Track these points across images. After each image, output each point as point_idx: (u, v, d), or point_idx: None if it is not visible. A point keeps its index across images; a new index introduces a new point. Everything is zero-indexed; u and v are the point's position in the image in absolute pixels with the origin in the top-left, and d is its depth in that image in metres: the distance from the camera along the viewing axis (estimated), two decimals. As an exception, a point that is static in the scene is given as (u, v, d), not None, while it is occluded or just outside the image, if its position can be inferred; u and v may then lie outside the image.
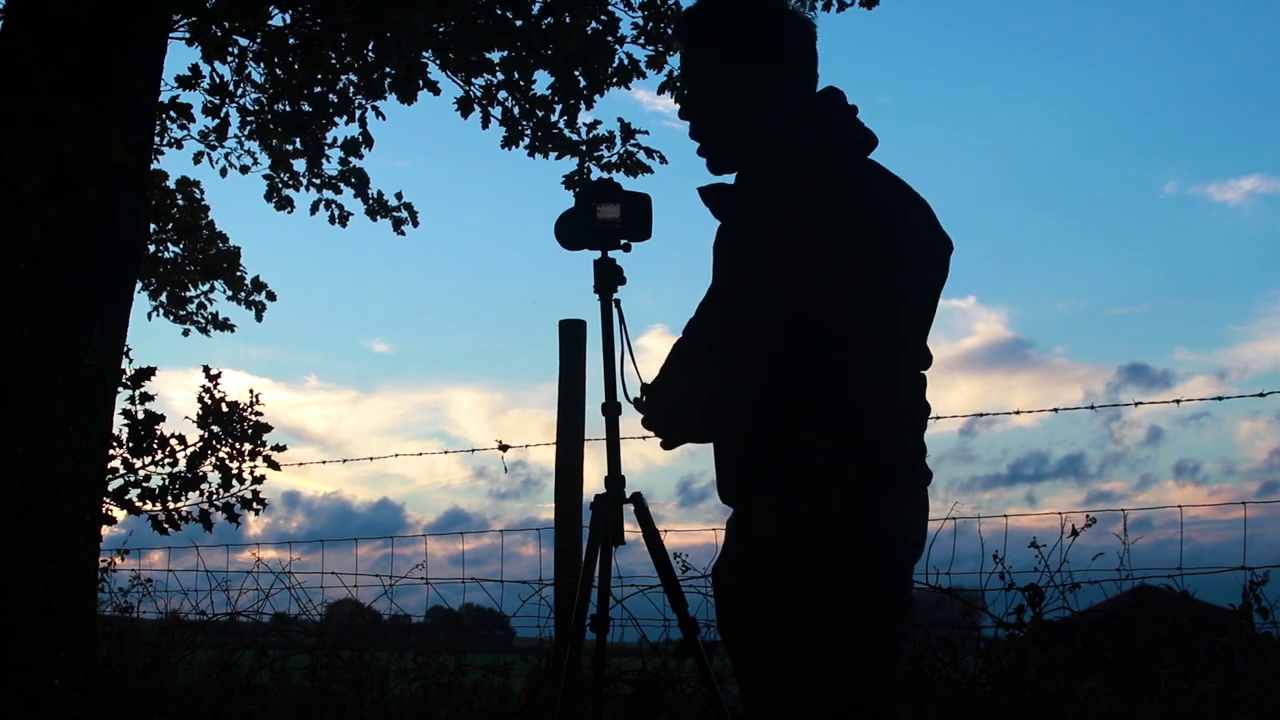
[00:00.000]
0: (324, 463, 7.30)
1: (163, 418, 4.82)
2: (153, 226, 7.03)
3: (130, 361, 4.71)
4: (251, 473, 5.01)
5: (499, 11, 5.68)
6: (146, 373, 4.81)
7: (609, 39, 5.93)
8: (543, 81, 6.21)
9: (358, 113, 6.47)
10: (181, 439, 4.91)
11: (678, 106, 2.24)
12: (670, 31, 6.08)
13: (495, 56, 6.04)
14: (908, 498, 2.01)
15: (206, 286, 7.92)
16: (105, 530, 4.81)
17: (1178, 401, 4.24)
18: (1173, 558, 3.76)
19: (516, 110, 6.39)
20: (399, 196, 7.34)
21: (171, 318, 7.95)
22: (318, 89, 6.17)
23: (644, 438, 4.90)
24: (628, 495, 2.42)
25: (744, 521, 2.12)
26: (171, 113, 6.15)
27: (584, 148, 6.50)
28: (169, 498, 4.83)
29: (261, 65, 6.17)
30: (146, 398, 4.81)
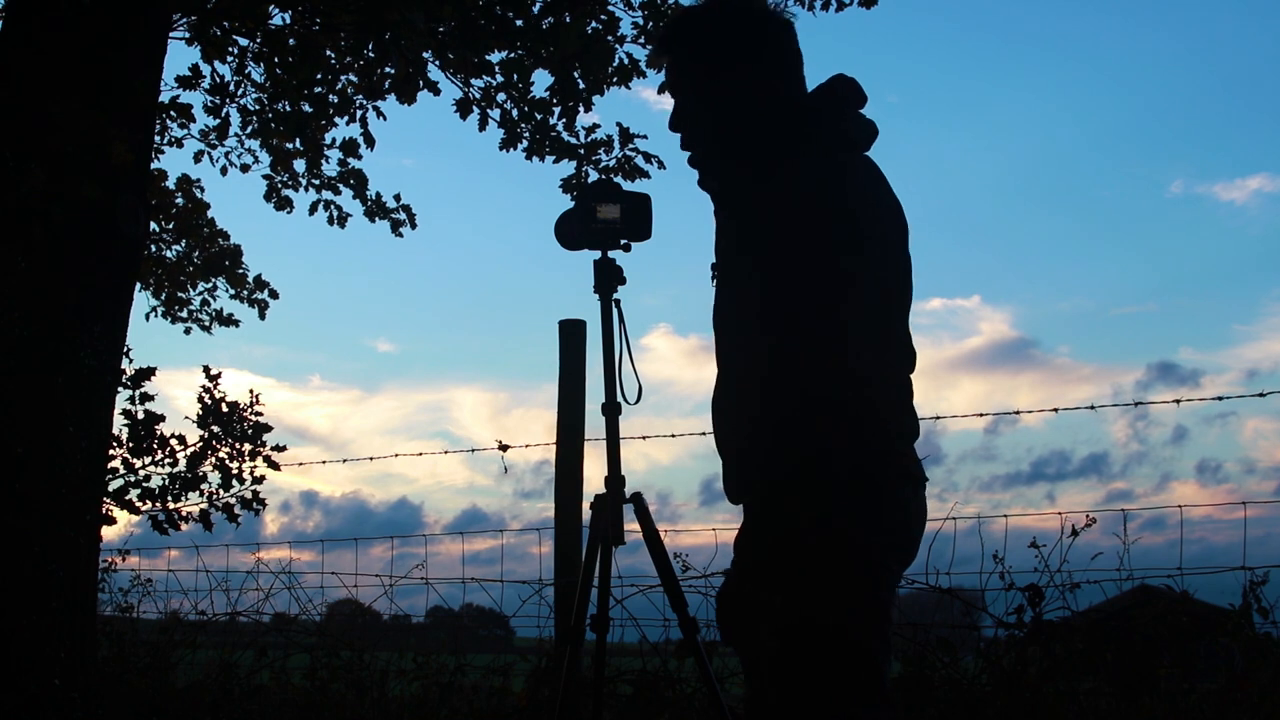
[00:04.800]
0: (324, 463, 7.30)
1: (163, 418, 4.84)
2: (153, 226, 7.03)
3: (130, 361, 4.72)
4: (251, 473, 5.02)
5: (499, 11, 5.68)
6: (146, 373, 4.81)
7: (609, 39, 5.93)
8: (541, 83, 6.22)
9: (358, 113, 6.47)
10: (182, 439, 4.92)
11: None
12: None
13: (494, 58, 6.05)
14: (901, 498, 2.01)
15: (209, 284, 7.93)
16: (111, 531, 4.82)
17: (1177, 402, 4.24)
18: (1173, 558, 3.77)
19: (515, 112, 6.39)
20: (397, 198, 7.34)
21: (170, 319, 7.96)
22: (318, 89, 6.17)
23: (644, 437, 4.88)
24: (628, 495, 2.42)
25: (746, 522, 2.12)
26: (171, 112, 6.16)
27: (582, 151, 6.50)
28: (169, 498, 4.83)
29: (261, 65, 6.17)
30: (146, 398, 4.82)
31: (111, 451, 4.66)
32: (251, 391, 5.16)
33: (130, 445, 4.78)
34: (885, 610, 1.97)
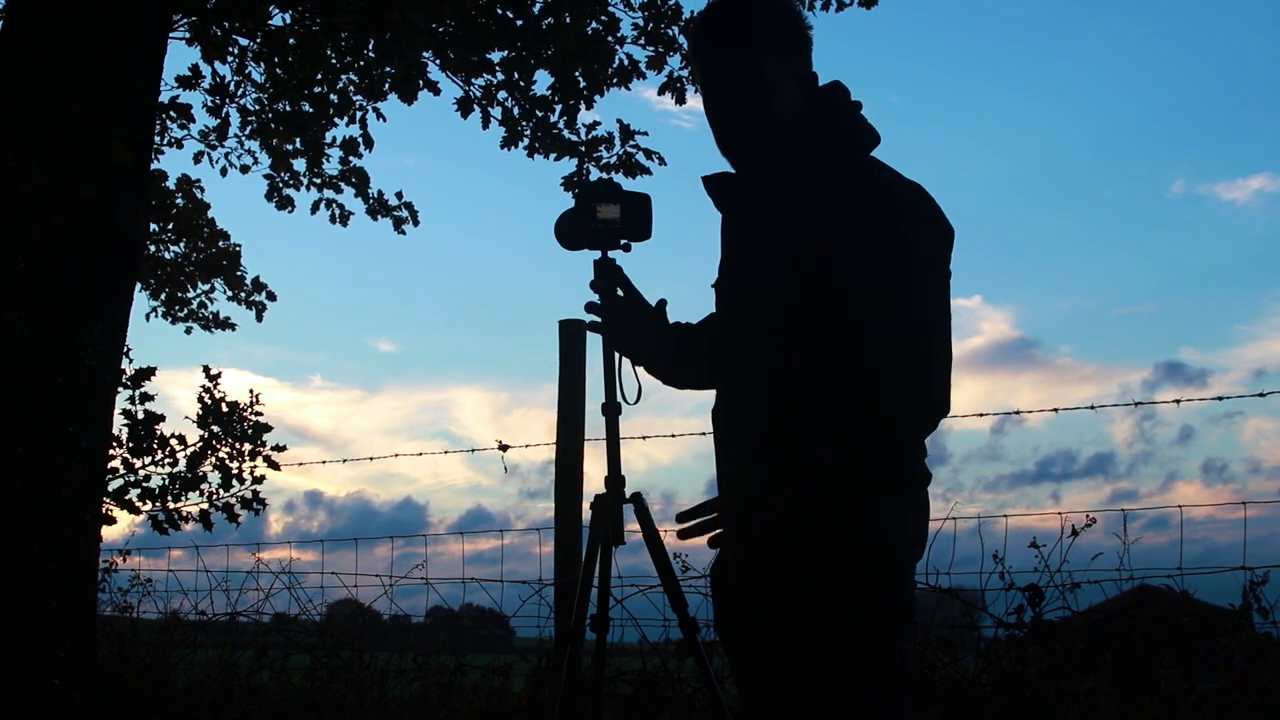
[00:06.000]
0: (324, 463, 7.31)
1: (163, 418, 4.83)
2: (153, 226, 7.03)
3: (130, 361, 4.72)
4: (251, 473, 5.02)
5: (499, 11, 5.68)
6: (146, 373, 4.81)
7: (609, 39, 5.94)
8: (543, 82, 6.22)
9: (358, 113, 6.47)
10: (181, 439, 4.92)
11: (704, 105, 2.21)
12: (681, 31, 6.08)
13: (495, 56, 6.05)
14: (906, 498, 2.01)
15: (207, 286, 7.93)
16: (113, 530, 4.82)
17: (1177, 402, 4.23)
18: (1173, 558, 3.76)
19: (516, 110, 6.39)
20: (399, 196, 7.35)
21: (170, 318, 7.96)
22: (318, 89, 6.18)
23: (644, 437, 4.87)
24: (628, 495, 2.41)
25: (744, 520, 2.12)
26: (171, 113, 6.16)
27: (583, 149, 6.50)
28: (169, 498, 4.83)
29: (261, 65, 6.17)
30: (146, 398, 4.81)
31: (111, 451, 4.65)
32: (251, 391, 5.16)
33: (130, 445, 4.78)
34: (910, 608, 1.99)
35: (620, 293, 2.34)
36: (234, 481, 4.98)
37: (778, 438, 1.99)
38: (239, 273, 7.90)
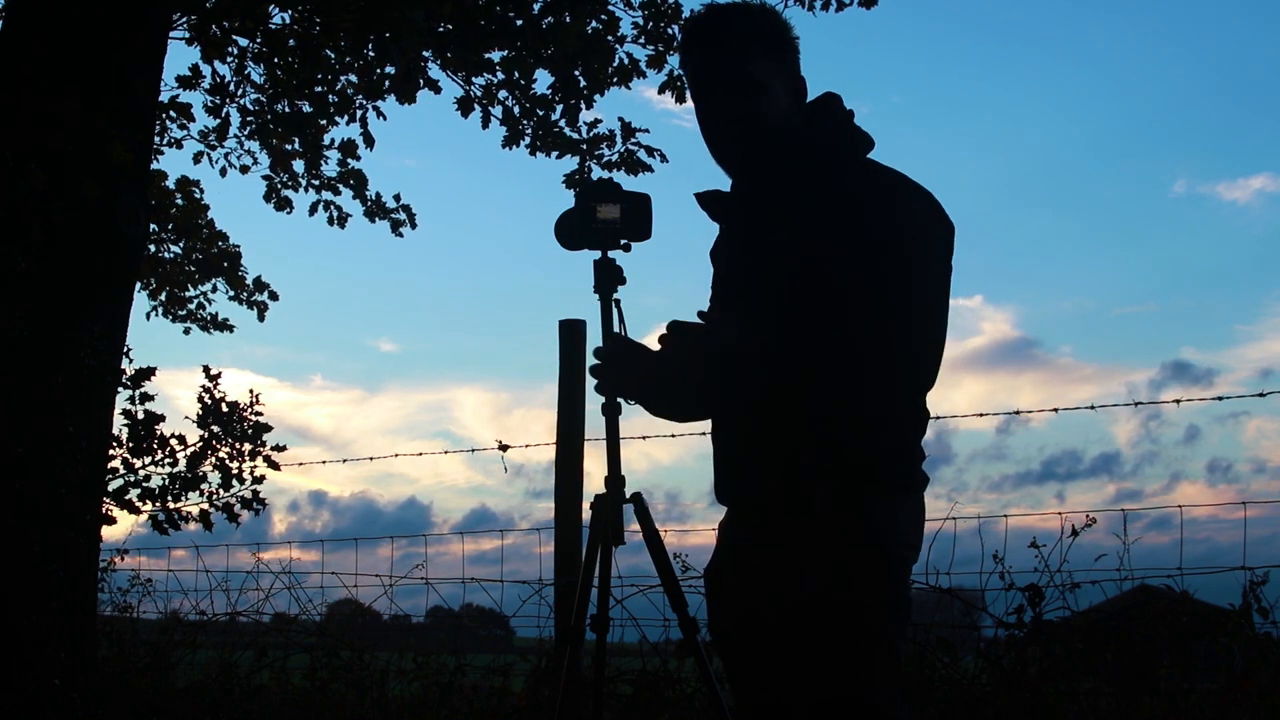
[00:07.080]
0: (324, 462, 7.31)
1: (163, 418, 4.83)
2: (153, 226, 7.03)
3: (130, 361, 4.72)
4: (251, 473, 5.01)
5: (499, 11, 5.68)
6: (146, 373, 4.81)
7: (609, 38, 5.94)
8: (543, 81, 6.22)
9: (358, 113, 6.47)
10: (181, 439, 4.92)
11: (697, 114, 2.23)
12: (680, 32, 6.08)
13: (495, 56, 6.04)
14: (903, 500, 2.01)
15: (208, 286, 7.92)
16: (116, 530, 4.82)
17: (1177, 402, 4.24)
18: (1173, 558, 3.76)
19: (517, 110, 6.39)
20: (397, 198, 7.33)
21: (170, 318, 7.96)
22: (318, 89, 6.17)
23: (644, 437, 4.87)
24: (628, 495, 2.41)
25: (742, 520, 2.13)
26: (171, 112, 6.16)
27: (584, 147, 6.50)
28: (169, 498, 4.83)
29: (261, 65, 6.17)
30: (146, 398, 4.81)
31: (111, 451, 4.65)
32: (252, 391, 5.16)
33: (130, 445, 4.78)
34: (908, 608, 2.01)
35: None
36: (234, 481, 4.98)
37: (779, 440, 1.99)
38: (240, 272, 7.90)
